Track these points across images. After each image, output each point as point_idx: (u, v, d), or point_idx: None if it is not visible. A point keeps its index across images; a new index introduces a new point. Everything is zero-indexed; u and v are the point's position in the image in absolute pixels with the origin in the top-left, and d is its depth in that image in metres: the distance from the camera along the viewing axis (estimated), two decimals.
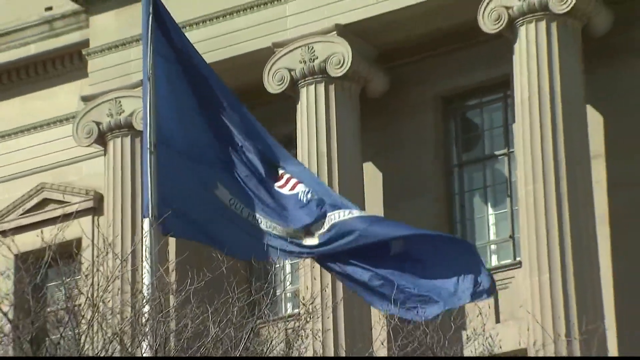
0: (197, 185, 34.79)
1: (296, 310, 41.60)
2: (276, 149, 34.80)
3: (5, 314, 31.10)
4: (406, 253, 33.21)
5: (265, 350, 33.26)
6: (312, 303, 37.52)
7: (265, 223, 34.03)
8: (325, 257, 34.07)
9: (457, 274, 32.44)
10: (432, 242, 33.68)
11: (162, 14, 35.22)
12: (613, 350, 38.40)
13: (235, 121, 34.91)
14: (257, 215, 34.19)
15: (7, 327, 31.23)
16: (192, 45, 35.90)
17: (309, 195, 33.91)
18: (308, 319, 37.35)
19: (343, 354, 39.30)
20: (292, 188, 34.21)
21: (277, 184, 34.27)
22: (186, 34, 40.61)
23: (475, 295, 32.01)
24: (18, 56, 48.04)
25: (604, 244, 39.34)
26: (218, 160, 35.01)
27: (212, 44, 42.13)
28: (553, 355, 37.26)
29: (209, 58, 40.68)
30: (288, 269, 44.02)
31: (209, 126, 35.10)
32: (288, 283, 43.62)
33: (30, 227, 45.96)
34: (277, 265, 43.12)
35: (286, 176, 34.37)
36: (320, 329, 38.93)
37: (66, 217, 44.66)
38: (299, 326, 36.18)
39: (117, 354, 30.33)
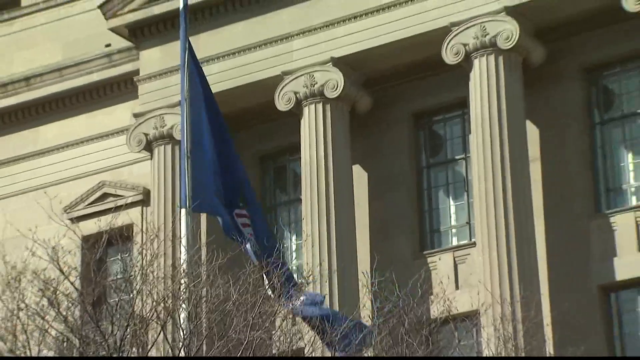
0: (224, 169, 35.04)
1: (300, 280, 41.68)
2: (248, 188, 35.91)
3: (72, 283, 31.46)
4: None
5: (274, 311, 33.73)
6: (311, 274, 38.43)
7: None
8: None
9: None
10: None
11: (191, 51, 35.69)
12: (546, 310, 38.23)
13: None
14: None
15: (75, 294, 31.92)
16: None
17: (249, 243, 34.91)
18: (308, 286, 38.33)
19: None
20: (243, 225, 35.21)
21: (236, 211, 35.32)
22: (214, 65, 41.32)
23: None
24: (84, 82, 47.70)
25: (539, 229, 39.47)
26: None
27: (234, 72, 42.18)
28: (500, 316, 36.90)
29: (232, 83, 41.74)
30: (293, 247, 44.13)
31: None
32: (293, 259, 44.01)
33: (92, 215, 45.73)
34: (285, 246, 43.73)
35: (243, 213, 35.44)
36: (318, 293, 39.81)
37: (120, 207, 44.86)
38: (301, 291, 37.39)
39: (162, 316, 30.38)
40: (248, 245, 34.62)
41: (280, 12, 43.20)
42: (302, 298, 34.27)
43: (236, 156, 35.95)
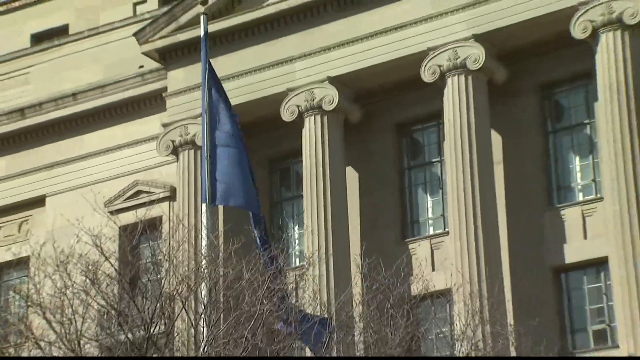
0: (237, 169, 34.88)
1: (302, 262, 42.04)
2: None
3: (112, 265, 31.76)
4: None
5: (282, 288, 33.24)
6: (311, 257, 38.73)
7: None
8: None
9: None
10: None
11: (212, 71, 35.54)
12: (507, 288, 38.38)
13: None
14: None
15: (115, 274, 32.12)
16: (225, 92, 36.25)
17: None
18: (309, 267, 38.53)
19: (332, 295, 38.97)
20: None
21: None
22: (230, 83, 40.94)
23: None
24: (121, 97, 47.63)
25: (501, 220, 39.58)
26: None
27: (247, 89, 42.19)
28: (469, 293, 36.95)
29: (245, 98, 41.78)
30: (296, 235, 44.01)
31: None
32: (296, 245, 43.93)
33: (128, 208, 45.49)
34: (289, 234, 43.87)
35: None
36: (317, 274, 38.95)
37: (151, 202, 44.91)
38: (303, 272, 37.65)
39: (184, 292, 30.48)
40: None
41: (284, 39, 43.25)
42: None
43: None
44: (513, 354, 34.96)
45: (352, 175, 43.04)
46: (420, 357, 33.32)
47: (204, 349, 29.65)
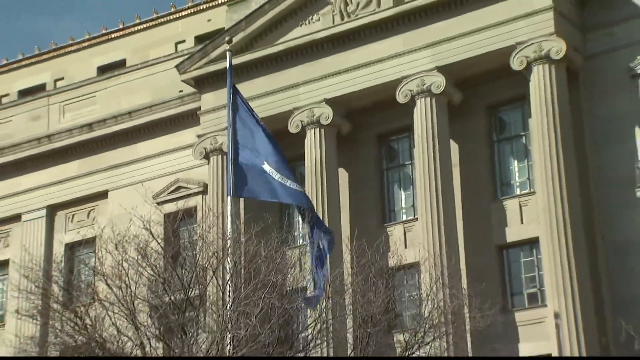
0: (256, 170, 34.30)
1: (304, 242, 41.10)
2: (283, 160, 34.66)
3: (159, 243, 32.29)
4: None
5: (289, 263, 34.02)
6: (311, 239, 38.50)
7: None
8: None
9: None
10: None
11: (236, 91, 35.44)
12: (462, 262, 38.39)
13: (267, 141, 34.71)
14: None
15: (160, 250, 32.13)
16: (250, 106, 35.91)
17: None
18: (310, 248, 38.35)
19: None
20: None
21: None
22: (249, 102, 41.10)
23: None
24: (165, 115, 47.52)
25: (459, 210, 39.56)
26: (264, 154, 34.46)
27: (262, 108, 41.17)
28: (433, 265, 37.04)
29: (260, 115, 39.49)
30: (300, 220, 41.26)
31: (258, 141, 34.76)
32: (300, 228, 43.02)
33: (171, 200, 45.48)
34: (296, 220, 43.00)
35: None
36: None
37: (188, 195, 45.71)
38: (306, 250, 36.94)
39: (214, 265, 30.95)
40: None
41: (290, 70, 42.86)
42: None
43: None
44: (466, 311, 34.78)
45: (343, 175, 42.75)
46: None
47: (229, 308, 29.44)
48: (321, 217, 40.26)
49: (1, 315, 49.22)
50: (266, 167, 34.23)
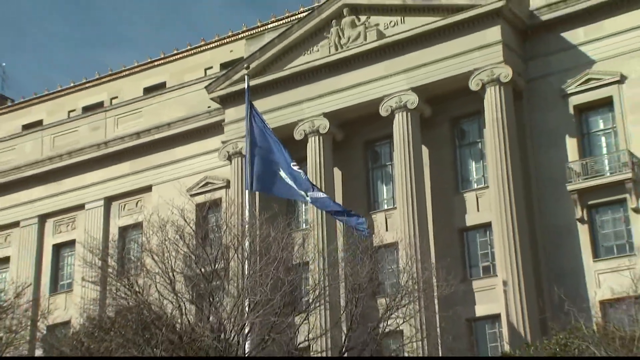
0: (268, 169, 34.53)
1: (307, 226, 41.57)
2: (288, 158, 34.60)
3: (191, 227, 32.30)
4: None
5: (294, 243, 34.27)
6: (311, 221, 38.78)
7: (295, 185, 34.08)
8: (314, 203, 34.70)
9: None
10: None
11: (253, 107, 35.53)
12: (431, 241, 38.26)
13: (279, 147, 34.85)
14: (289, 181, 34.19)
15: (193, 232, 32.18)
16: (263, 118, 36.11)
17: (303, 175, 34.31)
18: (311, 229, 38.71)
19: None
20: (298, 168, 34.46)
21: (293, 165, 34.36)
22: (263, 115, 40.63)
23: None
24: (196, 125, 47.05)
25: (429, 201, 39.35)
26: (277, 158, 34.57)
27: (274, 120, 40.80)
28: (407, 244, 36.90)
29: (273, 125, 39.57)
30: (303, 208, 43.02)
31: (272, 146, 34.95)
32: (303, 214, 42.90)
33: (201, 193, 45.22)
34: (299, 207, 43.10)
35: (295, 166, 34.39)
36: (317, 233, 39.50)
37: (215, 189, 45.50)
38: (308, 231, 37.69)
39: (235, 245, 30.64)
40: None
41: (296, 90, 42.62)
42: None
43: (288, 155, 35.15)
44: (434, 281, 34.41)
45: (337, 173, 42.59)
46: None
47: (247, 278, 29.43)
48: (318, 212, 39.88)
49: (70, 283, 49.21)
50: (282, 173, 34.15)
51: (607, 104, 37.82)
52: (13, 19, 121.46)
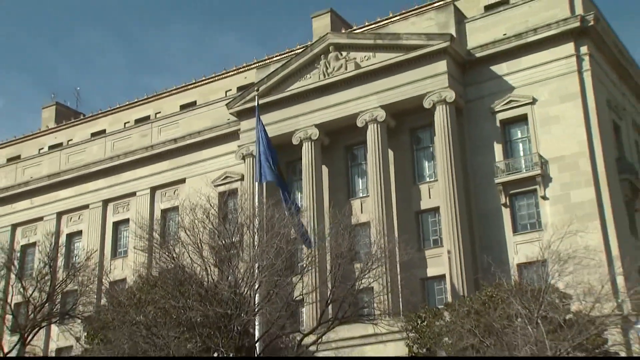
0: (267, 166, 33.89)
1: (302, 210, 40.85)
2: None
3: (215, 210, 31.47)
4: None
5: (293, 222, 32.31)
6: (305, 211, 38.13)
7: None
8: None
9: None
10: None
11: (260, 120, 35.02)
12: (395, 221, 37.79)
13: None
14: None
15: (216, 213, 31.63)
16: (265, 129, 35.32)
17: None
18: (304, 213, 37.92)
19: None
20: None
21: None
22: (268, 126, 39.34)
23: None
24: (219, 133, 47.06)
25: (393, 190, 39.25)
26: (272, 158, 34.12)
27: (274, 130, 40.87)
28: (377, 223, 36.60)
29: (275, 133, 40.47)
30: (299, 196, 42.28)
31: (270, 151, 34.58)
32: (300, 200, 41.84)
33: (223, 184, 44.96)
34: (296, 196, 42.13)
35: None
36: (309, 216, 39.33)
37: (233, 182, 44.65)
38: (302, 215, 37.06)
39: (248, 222, 30.05)
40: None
41: (293, 107, 42.45)
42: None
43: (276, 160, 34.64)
44: (397, 251, 33.66)
45: (325, 170, 42.39)
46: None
47: (257, 248, 28.92)
48: (311, 197, 39.90)
49: (125, 250, 49.14)
50: (271, 169, 33.84)
51: (523, 119, 38.01)
52: (84, 52, 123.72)
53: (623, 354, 26.77)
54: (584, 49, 36.76)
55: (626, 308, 27.24)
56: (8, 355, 36.57)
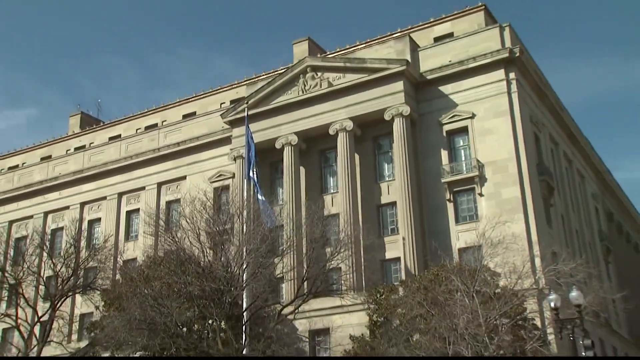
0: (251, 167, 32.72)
1: (282, 202, 39.79)
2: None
3: (211, 203, 31.63)
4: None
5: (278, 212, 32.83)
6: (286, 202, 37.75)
7: None
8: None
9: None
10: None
11: (249, 128, 34.47)
12: (360, 213, 37.26)
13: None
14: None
15: (212, 205, 31.28)
16: (252, 136, 34.47)
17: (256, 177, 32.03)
18: (284, 205, 37.48)
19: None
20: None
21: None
22: (256, 133, 39.03)
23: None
24: (215, 138, 46.02)
25: (359, 189, 38.55)
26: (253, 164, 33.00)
27: (261, 136, 40.16)
28: (347, 212, 36.07)
29: (261, 139, 39.60)
30: (280, 192, 41.36)
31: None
32: (280, 194, 41.33)
33: (217, 181, 44.38)
34: (278, 191, 41.37)
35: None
36: (288, 208, 38.41)
37: (227, 179, 43.94)
38: (282, 207, 36.20)
39: (239, 212, 29.88)
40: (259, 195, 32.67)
41: (277, 117, 41.70)
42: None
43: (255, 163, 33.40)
44: (361, 237, 33.46)
45: (302, 171, 41.54)
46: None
47: (244, 234, 28.77)
48: (290, 194, 39.13)
49: (136, 234, 48.42)
50: (252, 170, 33.01)
51: (464, 130, 38.17)
52: (105, 71, 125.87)
53: (538, 320, 27.28)
54: (512, 75, 37.29)
55: (541, 283, 27.93)
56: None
